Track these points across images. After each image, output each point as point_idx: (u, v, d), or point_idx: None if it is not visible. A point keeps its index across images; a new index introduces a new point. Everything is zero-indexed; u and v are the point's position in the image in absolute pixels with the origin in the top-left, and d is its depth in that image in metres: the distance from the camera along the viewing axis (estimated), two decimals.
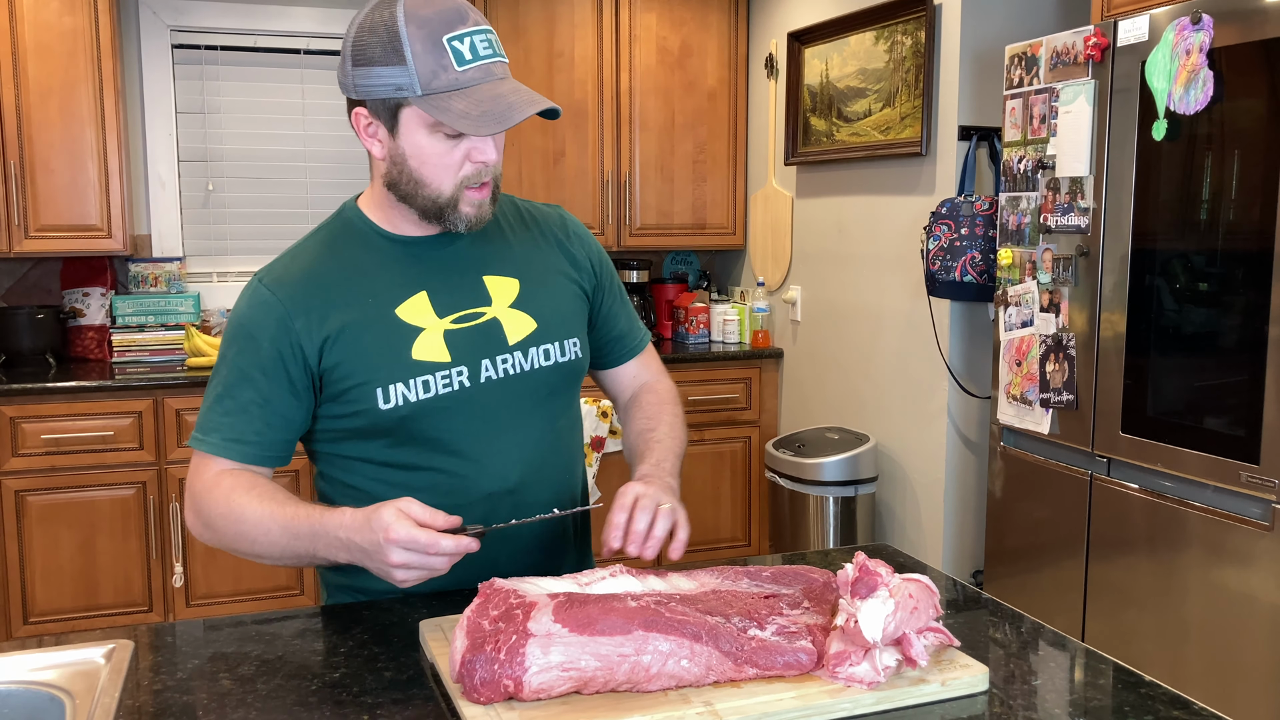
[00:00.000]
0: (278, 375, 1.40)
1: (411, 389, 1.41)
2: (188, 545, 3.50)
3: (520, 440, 1.49)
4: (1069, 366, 2.72)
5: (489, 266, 1.50)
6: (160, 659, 1.27)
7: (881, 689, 1.13)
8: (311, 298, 1.42)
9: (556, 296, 1.55)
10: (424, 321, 1.44)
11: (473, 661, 1.08)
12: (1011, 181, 2.90)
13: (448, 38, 1.31)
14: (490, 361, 1.46)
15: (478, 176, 1.39)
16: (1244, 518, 2.29)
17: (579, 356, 1.55)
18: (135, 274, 3.90)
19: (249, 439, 1.41)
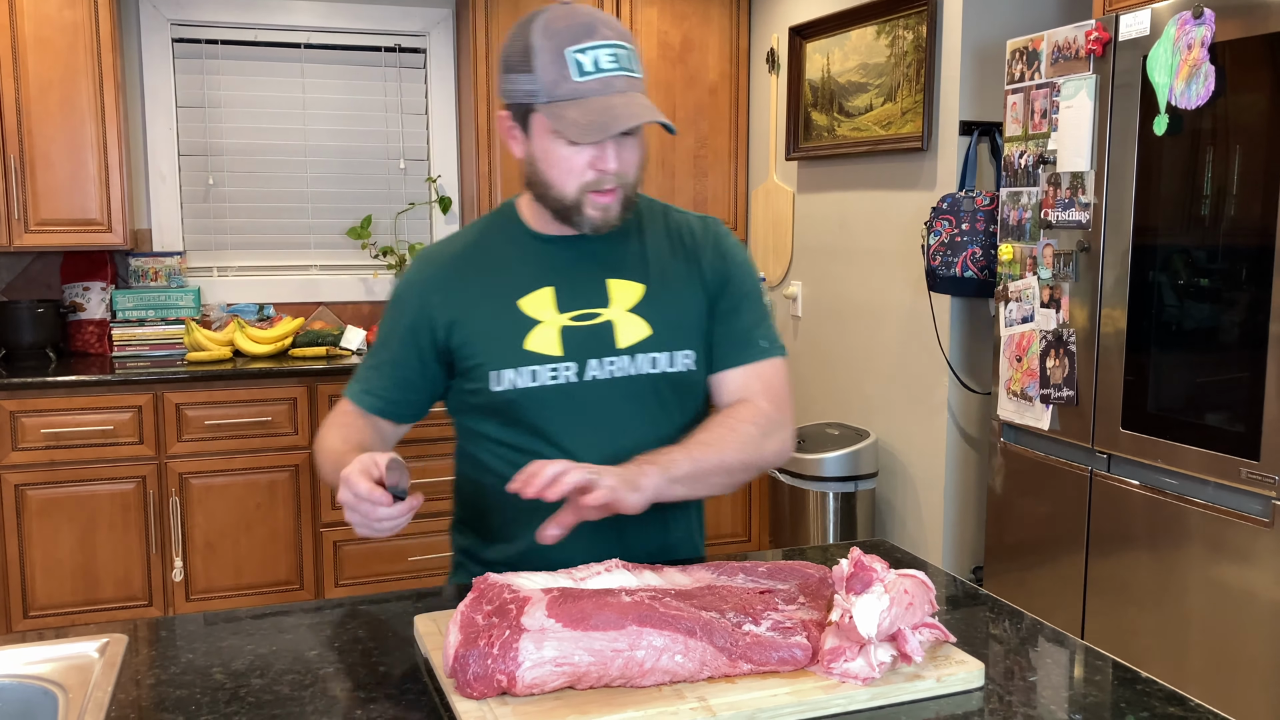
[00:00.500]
0: (409, 343, 1.57)
1: (520, 376, 1.51)
2: (187, 540, 3.50)
3: (615, 439, 1.52)
4: (1069, 362, 2.71)
5: (618, 270, 1.56)
6: (154, 653, 1.27)
7: (876, 685, 1.13)
8: (451, 280, 1.56)
9: (679, 307, 1.57)
10: (543, 315, 1.53)
11: (466, 656, 1.08)
12: (1012, 177, 2.89)
13: (570, 50, 1.39)
14: (598, 361, 1.52)
15: (599, 183, 1.45)
16: (1244, 514, 2.28)
17: (691, 369, 1.56)
18: (135, 268, 3.90)
19: (375, 393, 1.60)
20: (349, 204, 4.23)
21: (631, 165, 1.48)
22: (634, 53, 1.44)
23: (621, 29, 1.45)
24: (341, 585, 3.68)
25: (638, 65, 1.44)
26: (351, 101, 4.20)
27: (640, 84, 1.44)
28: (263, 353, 3.73)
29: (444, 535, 3.82)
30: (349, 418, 1.60)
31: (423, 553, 3.76)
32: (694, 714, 1.06)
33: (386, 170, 4.27)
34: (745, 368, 1.59)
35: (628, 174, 1.48)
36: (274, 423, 3.55)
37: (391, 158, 4.28)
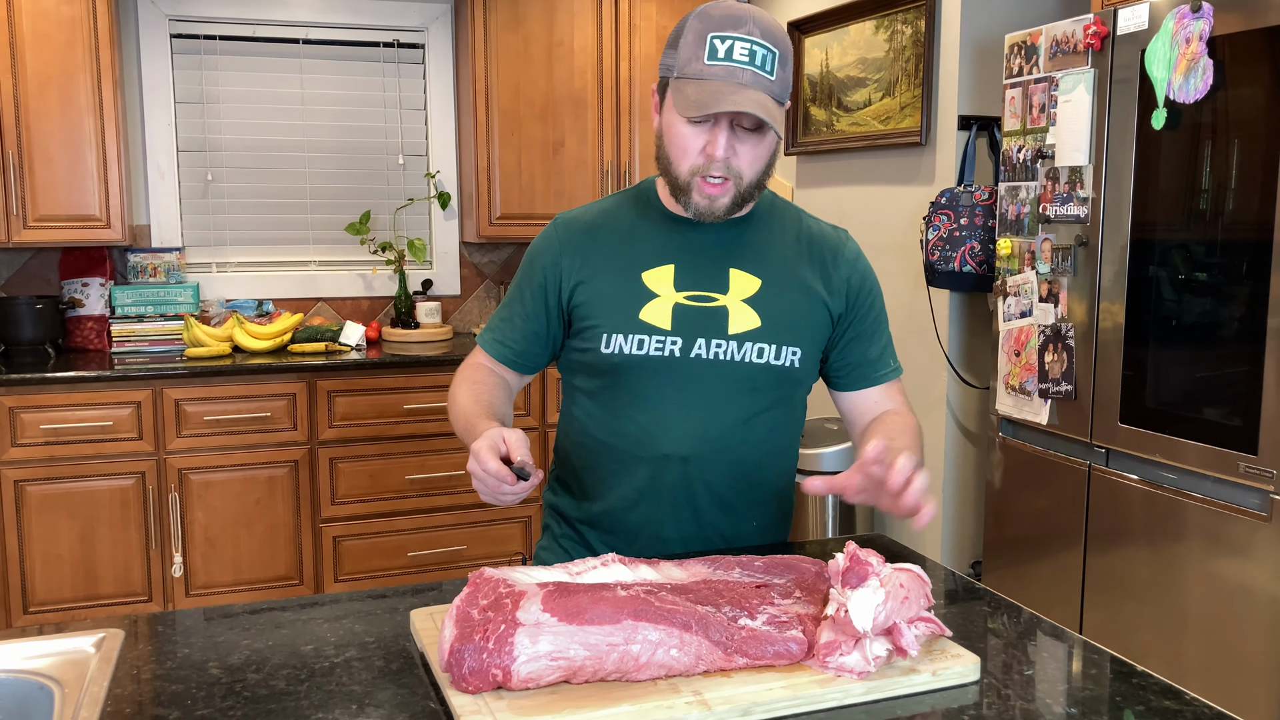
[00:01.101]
0: (539, 298, 1.65)
1: (629, 342, 1.58)
2: (187, 536, 3.50)
3: (707, 419, 1.58)
4: (1068, 357, 2.71)
5: (740, 261, 1.61)
6: (150, 648, 1.27)
7: (872, 679, 1.13)
8: (583, 244, 1.64)
9: (793, 306, 1.61)
10: (662, 290, 1.59)
11: (461, 651, 1.08)
12: (1011, 171, 2.89)
13: (713, 34, 1.44)
14: (705, 341, 1.57)
15: (706, 168, 1.49)
16: (1242, 508, 2.28)
17: (795, 366, 1.61)
18: (134, 264, 3.90)
19: (506, 343, 1.69)
20: (348, 199, 4.23)
21: (748, 161, 1.50)
22: (777, 56, 1.46)
23: (774, 33, 1.47)
24: (341, 580, 3.69)
25: (776, 68, 1.46)
26: (350, 97, 4.20)
27: (771, 85, 1.46)
28: (262, 348, 3.73)
29: (441, 531, 3.84)
30: (480, 372, 1.69)
31: (422, 548, 3.76)
32: (689, 708, 1.06)
33: (385, 166, 4.27)
34: (881, 387, 1.70)
35: (741, 169, 1.50)
36: (273, 418, 3.56)
37: (390, 153, 4.27)
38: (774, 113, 1.45)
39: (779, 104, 1.48)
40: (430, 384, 3.72)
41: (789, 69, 1.49)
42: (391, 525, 3.73)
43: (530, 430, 3.86)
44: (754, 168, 1.52)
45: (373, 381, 3.66)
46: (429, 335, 4.07)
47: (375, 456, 3.69)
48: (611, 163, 4.15)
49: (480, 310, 4.43)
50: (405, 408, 3.69)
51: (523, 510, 3.89)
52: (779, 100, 1.48)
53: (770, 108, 1.44)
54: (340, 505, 3.66)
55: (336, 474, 3.65)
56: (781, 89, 1.48)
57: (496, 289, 4.43)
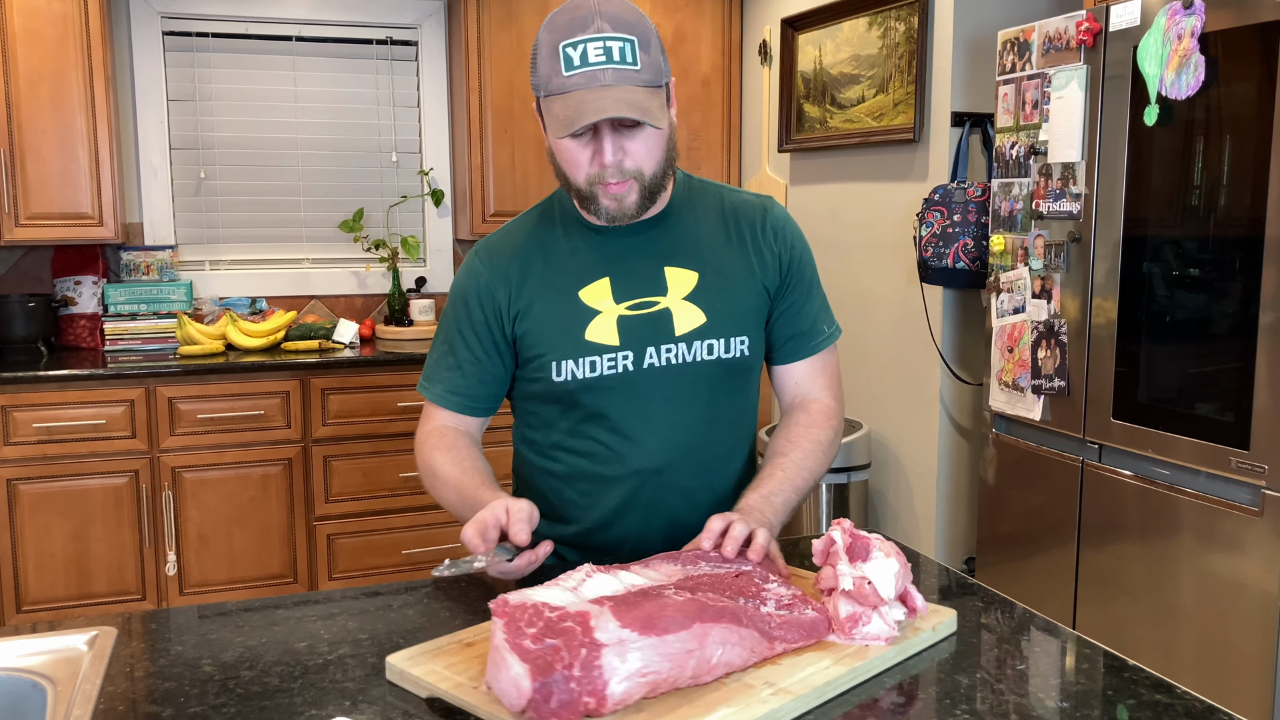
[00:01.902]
0: (485, 337, 1.60)
1: (580, 367, 1.55)
2: (180, 534, 3.49)
3: (673, 425, 1.57)
4: (1060, 353, 2.71)
5: (672, 257, 1.58)
6: (143, 646, 1.27)
7: (896, 642, 1.21)
8: (512, 271, 1.59)
9: (733, 293, 1.59)
10: (602, 305, 1.56)
11: (547, 685, 0.98)
12: (1004, 168, 2.89)
13: (563, 44, 1.40)
14: (655, 349, 1.55)
15: (602, 176, 1.45)
16: (1234, 503, 2.29)
17: (745, 354, 1.59)
18: (127, 262, 3.89)
19: (463, 392, 1.62)
20: (341, 197, 4.22)
21: (642, 155, 1.46)
22: (636, 42, 1.40)
23: (625, 20, 1.41)
24: (335, 578, 3.68)
25: (638, 54, 1.40)
26: (343, 94, 4.19)
27: (638, 74, 1.40)
28: (255, 346, 3.72)
29: (437, 528, 3.83)
30: (447, 436, 1.62)
31: (416, 545, 3.76)
32: (776, 699, 1.06)
33: (379, 163, 4.27)
34: (810, 360, 1.66)
35: (638, 165, 1.46)
36: (266, 416, 3.55)
37: (383, 151, 4.27)
38: (645, 102, 1.40)
39: (654, 87, 1.42)
40: None
41: (654, 47, 1.43)
42: (385, 523, 3.73)
43: None
44: (651, 159, 1.47)
45: (366, 379, 3.66)
46: (423, 333, 4.07)
47: (369, 454, 3.68)
48: None
49: None
50: (399, 405, 3.69)
51: None
52: (653, 84, 1.42)
53: (639, 98, 1.39)
54: (334, 503, 3.66)
55: (330, 472, 3.64)
56: (652, 72, 1.42)
57: None
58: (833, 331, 1.68)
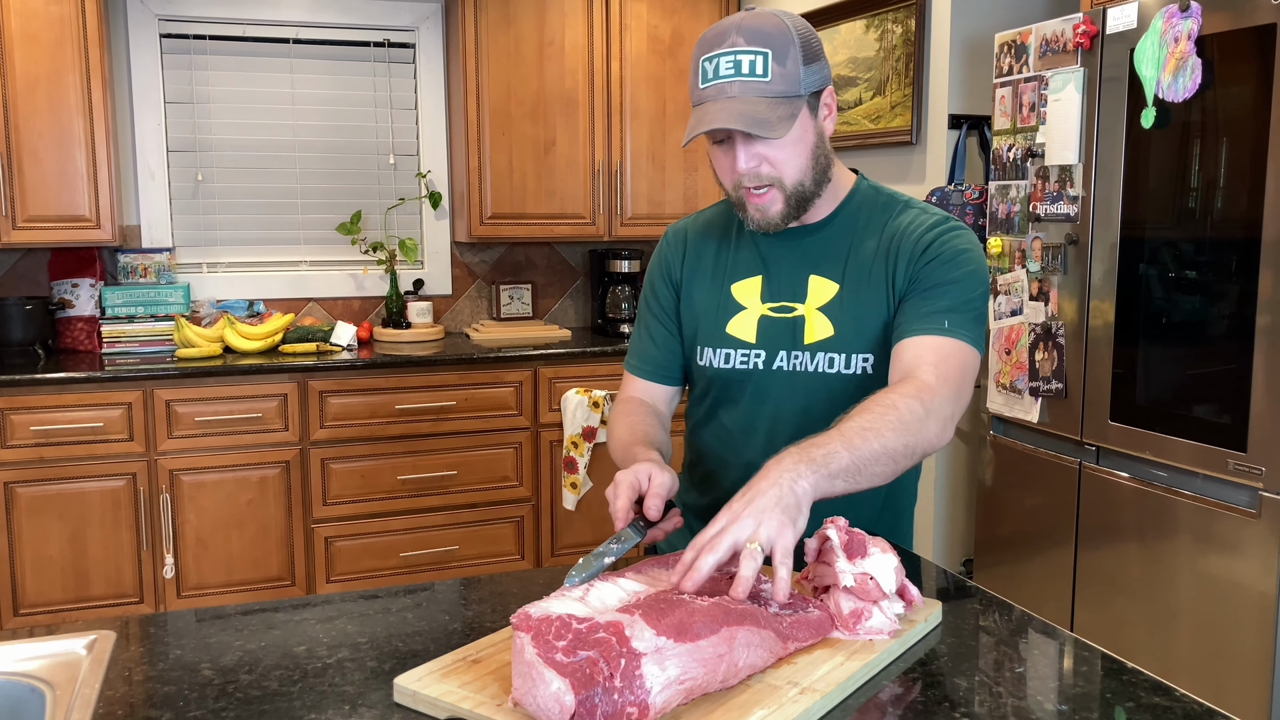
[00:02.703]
0: (671, 309, 1.72)
1: (717, 356, 1.65)
2: (178, 536, 3.49)
3: (785, 429, 1.58)
4: (1058, 355, 2.72)
5: (820, 266, 1.60)
6: (142, 650, 1.27)
7: (897, 635, 1.23)
8: (688, 252, 1.71)
9: (865, 309, 1.57)
10: (748, 302, 1.63)
11: (589, 698, 0.98)
12: (1001, 170, 2.90)
13: (703, 58, 1.48)
14: (786, 354, 1.60)
15: (740, 183, 1.51)
16: (1232, 505, 2.29)
17: (867, 373, 1.56)
18: (125, 265, 3.88)
19: (652, 361, 1.74)
20: (339, 199, 4.22)
21: (780, 163, 1.49)
22: (770, 55, 1.43)
23: (763, 33, 1.44)
24: (333, 581, 3.68)
25: (771, 66, 1.43)
26: (341, 97, 4.19)
27: (766, 86, 1.43)
28: (253, 349, 3.72)
29: (434, 531, 3.83)
30: (630, 404, 1.72)
31: (414, 548, 3.76)
32: (806, 698, 1.07)
33: (376, 165, 4.27)
34: (920, 338, 1.48)
35: (778, 173, 1.49)
36: (264, 419, 3.55)
37: (381, 153, 4.27)
38: (765, 114, 1.43)
39: (785, 98, 1.44)
40: (422, 384, 3.72)
41: (793, 58, 1.44)
42: (384, 526, 3.73)
43: (523, 430, 3.86)
44: (790, 166, 1.49)
45: (364, 382, 3.66)
46: (420, 335, 4.07)
47: (367, 457, 3.68)
48: (603, 162, 4.15)
49: (471, 310, 4.43)
50: (397, 408, 3.69)
51: (515, 511, 3.89)
52: (785, 94, 1.44)
53: (759, 110, 1.43)
54: (332, 506, 3.66)
55: (328, 474, 3.64)
56: (786, 83, 1.44)
57: (488, 289, 4.43)
58: (957, 331, 1.48)
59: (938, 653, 1.25)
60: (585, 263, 4.57)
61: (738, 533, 1.18)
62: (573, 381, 3.88)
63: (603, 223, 4.20)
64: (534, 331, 4.17)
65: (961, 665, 1.22)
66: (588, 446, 3.83)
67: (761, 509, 1.19)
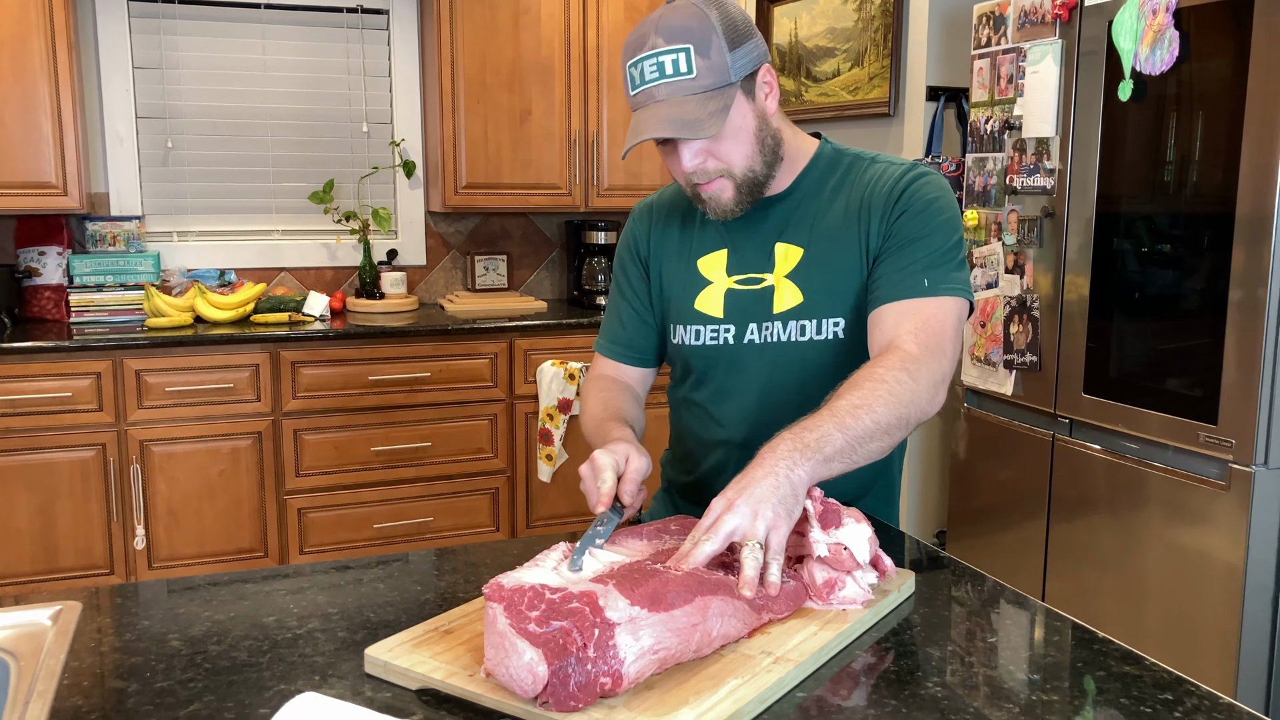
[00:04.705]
0: (642, 290, 1.70)
1: (688, 333, 1.62)
2: (149, 508, 3.46)
3: (761, 402, 1.58)
4: (1033, 328, 2.72)
5: (785, 233, 1.57)
6: (109, 621, 1.25)
7: (870, 605, 1.24)
8: (655, 229, 1.69)
9: (834, 272, 1.53)
10: (714, 276, 1.61)
11: (563, 668, 0.97)
12: (978, 142, 2.89)
13: (628, 65, 1.45)
14: (756, 326, 1.57)
15: (690, 180, 1.49)
16: (1202, 477, 2.31)
17: (838, 337, 1.53)
18: (93, 233, 3.83)
19: (621, 342, 1.72)
20: (311, 168, 4.17)
21: (724, 154, 1.46)
22: (689, 51, 1.39)
23: (681, 29, 1.39)
24: (306, 553, 3.66)
25: (694, 61, 1.39)
26: (313, 64, 4.13)
27: (692, 83, 1.39)
28: (224, 319, 3.68)
29: (408, 502, 3.82)
30: (603, 382, 1.71)
31: (388, 520, 3.74)
32: (780, 668, 1.07)
33: (349, 134, 4.21)
34: (898, 304, 1.44)
35: (726, 165, 1.47)
36: (236, 389, 3.51)
37: (354, 121, 4.21)
38: (694, 113, 1.39)
39: (712, 92, 1.40)
40: (395, 355, 3.69)
41: (717, 47, 1.40)
42: (357, 497, 3.71)
43: (498, 402, 3.84)
44: (736, 155, 1.46)
45: (337, 353, 3.63)
46: (394, 306, 4.04)
47: (340, 428, 3.66)
48: (579, 132, 4.12)
49: (446, 281, 4.40)
50: (370, 379, 3.66)
51: (489, 483, 3.88)
52: (713, 87, 1.40)
53: (688, 111, 1.39)
54: (305, 477, 3.63)
55: (301, 446, 3.62)
56: (713, 76, 1.40)
57: (463, 259, 4.40)
58: (938, 288, 1.44)
59: (911, 623, 1.25)
60: (561, 234, 4.55)
61: (734, 522, 1.16)
62: (548, 353, 3.87)
63: (579, 193, 4.17)
64: (509, 303, 4.15)
65: (934, 635, 1.22)
66: (563, 419, 3.81)
67: (758, 499, 1.18)
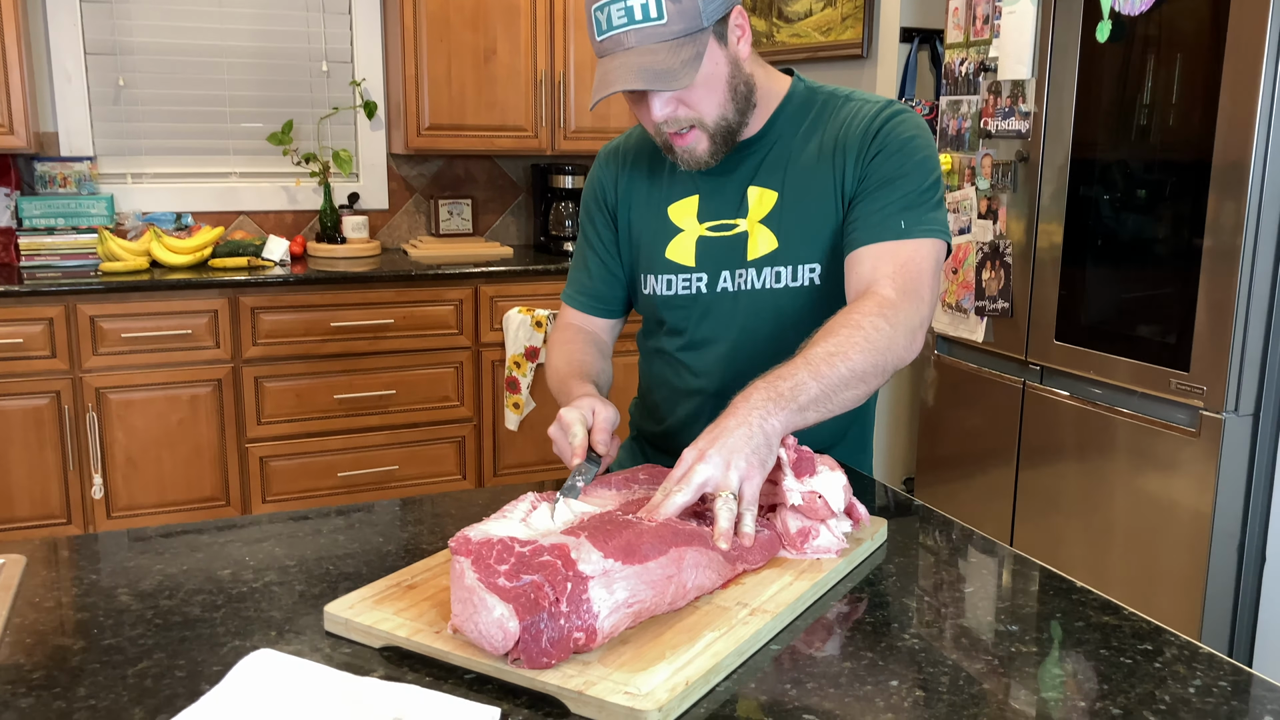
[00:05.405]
0: (608, 238, 1.64)
1: (659, 283, 1.57)
2: (107, 456, 3.39)
3: (735, 350, 1.54)
4: (1005, 274, 2.70)
5: (758, 177, 1.51)
6: (54, 575, 1.20)
7: (844, 554, 1.21)
8: (621, 174, 1.62)
9: (809, 217, 1.48)
10: (685, 224, 1.55)
11: (534, 624, 0.93)
12: (953, 85, 2.84)
13: (594, 9, 1.36)
14: (730, 274, 1.52)
15: (661, 130, 1.42)
16: (1172, 424, 2.31)
17: (815, 283, 1.48)
18: (42, 174, 3.70)
19: (588, 292, 1.67)
20: (269, 108, 4.05)
21: (696, 102, 1.39)
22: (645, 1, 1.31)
23: None
24: (270, 501, 3.61)
25: (663, 8, 1.31)
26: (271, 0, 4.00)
27: (662, 29, 1.31)
28: (181, 263, 3.58)
29: (373, 450, 3.77)
30: (568, 332, 1.66)
31: (352, 468, 3.69)
32: (756, 619, 1.04)
33: (308, 73, 4.09)
34: (875, 246, 1.39)
35: (697, 114, 1.40)
36: (194, 336, 3.43)
37: (313, 60, 4.09)
38: (666, 62, 1.32)
39: (684, 38, 1.33)
40: (358, 301, 3.61)
41: None
42: (321, 445, 3.65)
43: (464, 350, 3.78)
44: (709, 104, 1.40)
45: (298, 298, 3.55)
46: (356, 251, 3.95)
47: (302, 375, 3.59)
48: (545, 72, 4.02)
49: (409, 225, 4.31)
50: (332, 325, 3.59)
51: (456, 431, 3.83)
52: (684, 33, 1.33)
53: (659, 60, 1.32)
54: (267, 425, 3.57)
55: (262, 393, 3.55)
56: (684, 21, 1.32)
57: (426, 204, 4.31)
58: (915, 230, 1.40)
59: (885, 571, 1.23)
60: (527, 178, 4.46)
61: (706, 473, 1.13)
62: (515, 300, 3.80)
63: (545, 136, 4.08)
64: (474, 248, 4.07)
65: (909, 585, 1.19)
66: (530, 366, 3.76)
67: (731, 449, 1.14)
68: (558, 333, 1.68)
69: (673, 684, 0.92)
